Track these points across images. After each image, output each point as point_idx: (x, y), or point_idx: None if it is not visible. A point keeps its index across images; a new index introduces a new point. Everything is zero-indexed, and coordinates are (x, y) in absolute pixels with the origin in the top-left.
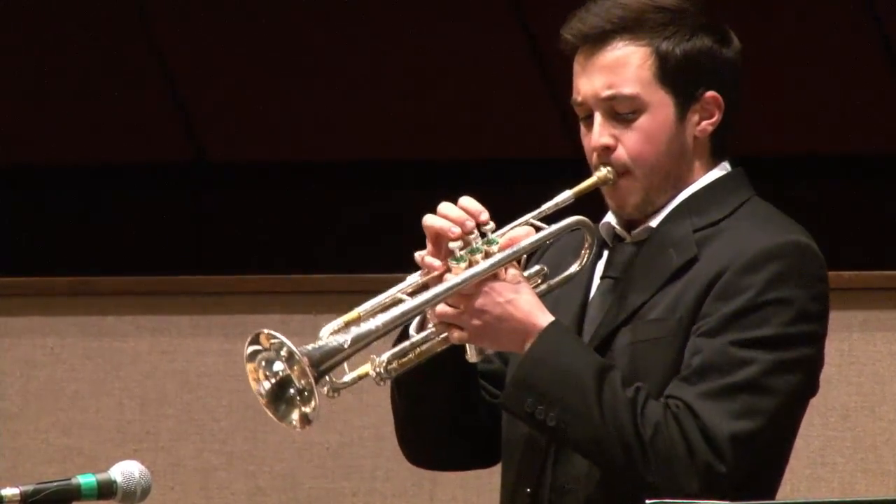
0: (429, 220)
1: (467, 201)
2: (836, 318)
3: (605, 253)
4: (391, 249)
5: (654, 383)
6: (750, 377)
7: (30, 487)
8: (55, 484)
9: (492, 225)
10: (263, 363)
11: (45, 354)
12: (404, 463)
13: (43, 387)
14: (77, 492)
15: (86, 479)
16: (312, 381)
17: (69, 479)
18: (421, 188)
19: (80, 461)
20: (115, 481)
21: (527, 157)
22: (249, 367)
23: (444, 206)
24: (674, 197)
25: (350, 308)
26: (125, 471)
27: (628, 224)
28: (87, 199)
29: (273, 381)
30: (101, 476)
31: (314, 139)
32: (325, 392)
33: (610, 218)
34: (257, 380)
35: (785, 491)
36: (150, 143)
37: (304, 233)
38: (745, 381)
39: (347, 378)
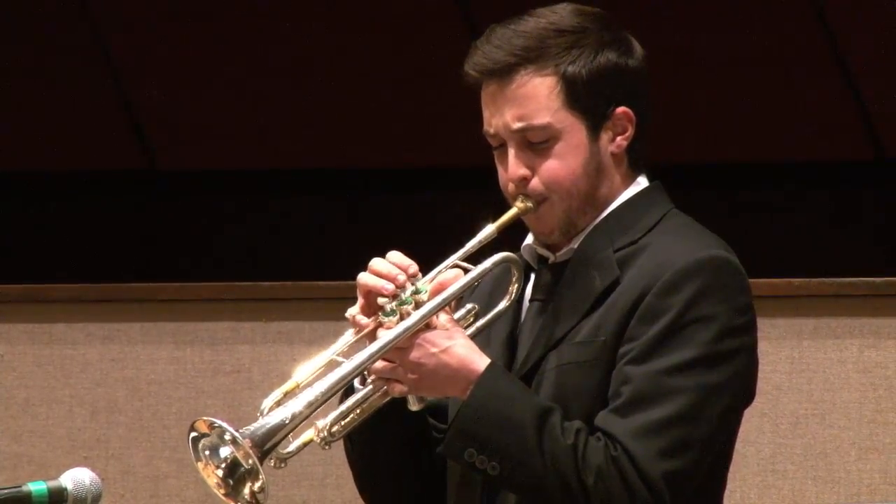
0: (362, 278)
1: (396, 256)
2: (786, 325)
3: (532, 276)
4: (341, 257)
5: (581, 406)
6: (680, 409)
7: None
8: (5, 491)
9: (419, 274)
10: (208, 453)
11: None
12: None
13: None
14: (28, 499)
15: (36, 487)
16: (257, 461)
17: (19, 487)
18: (372, 196)
19: (31, 468)
20: (65, 489)
21: (477, 165)
22: (199, 465)
23: (375, 262)
24: (596, 217)
25: (300, 314)
26: (76, 478)
27: (551, 244)
28: (37, 206)
29: (223, 467)
30: (52, 483)
31: (264, 148)
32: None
33: (531, 240)
34: (210, 475)
35: (735, 498)
36: (100, 150)
37: (254, 240)
38: (675, 413)
39: (292, 447)
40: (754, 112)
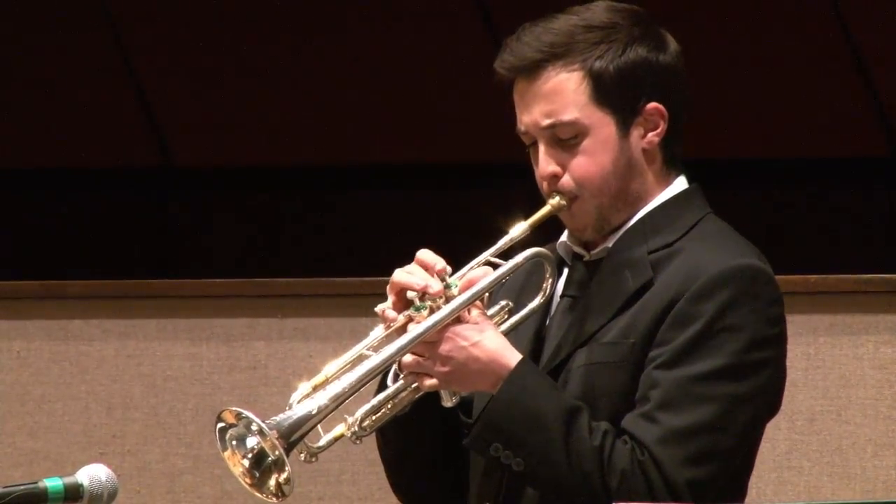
0: (396, 275)
1: (425, 254)
2: (802, 321)
3: (565, 271)
4: (357, 253)
5: (607, 406)
6: (708, 417)
7: None
8: (22, 487)
9: (448, 269)
10: (235, 442)
11: (12, 358)
12: (371, 466)
13: (9, 390)
14: (44, 495)
15: (52, 483)
16: (283, 453)
17: (36, 483)
18: (388, 193)
19: (47, 465)
20: (81, 485)
21: (498, 162)
22: (226, 454)
23: (409, 267)
24: (631, 215)
25: (316, 310)
26: (92, 474)
27: (586, 242)
28: (55, 203)
29: (249, 457)
30: (68, 479)
31: (281, 145)
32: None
33: (567, 237)
34: (236, 464)
35: (751, 495)
36: (117, 147)
37: (270, 237)
38: (702, 422)
39: (323, 442)
40: (771, 110)
